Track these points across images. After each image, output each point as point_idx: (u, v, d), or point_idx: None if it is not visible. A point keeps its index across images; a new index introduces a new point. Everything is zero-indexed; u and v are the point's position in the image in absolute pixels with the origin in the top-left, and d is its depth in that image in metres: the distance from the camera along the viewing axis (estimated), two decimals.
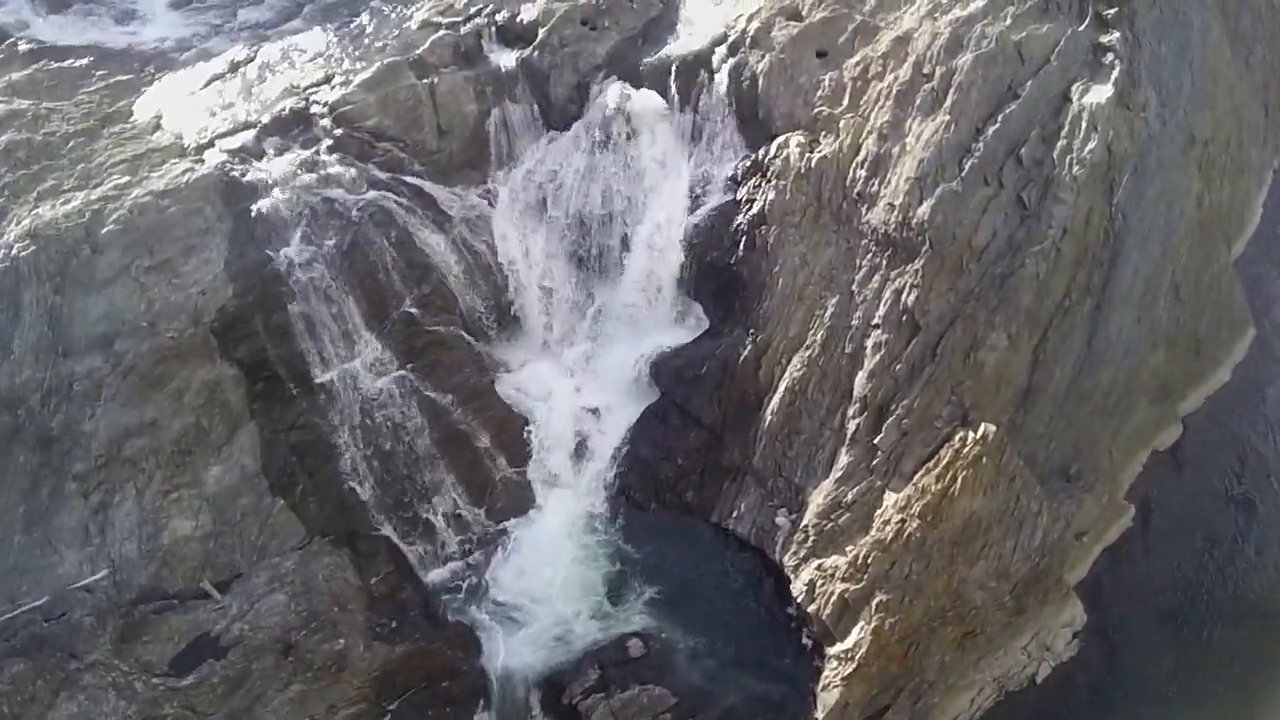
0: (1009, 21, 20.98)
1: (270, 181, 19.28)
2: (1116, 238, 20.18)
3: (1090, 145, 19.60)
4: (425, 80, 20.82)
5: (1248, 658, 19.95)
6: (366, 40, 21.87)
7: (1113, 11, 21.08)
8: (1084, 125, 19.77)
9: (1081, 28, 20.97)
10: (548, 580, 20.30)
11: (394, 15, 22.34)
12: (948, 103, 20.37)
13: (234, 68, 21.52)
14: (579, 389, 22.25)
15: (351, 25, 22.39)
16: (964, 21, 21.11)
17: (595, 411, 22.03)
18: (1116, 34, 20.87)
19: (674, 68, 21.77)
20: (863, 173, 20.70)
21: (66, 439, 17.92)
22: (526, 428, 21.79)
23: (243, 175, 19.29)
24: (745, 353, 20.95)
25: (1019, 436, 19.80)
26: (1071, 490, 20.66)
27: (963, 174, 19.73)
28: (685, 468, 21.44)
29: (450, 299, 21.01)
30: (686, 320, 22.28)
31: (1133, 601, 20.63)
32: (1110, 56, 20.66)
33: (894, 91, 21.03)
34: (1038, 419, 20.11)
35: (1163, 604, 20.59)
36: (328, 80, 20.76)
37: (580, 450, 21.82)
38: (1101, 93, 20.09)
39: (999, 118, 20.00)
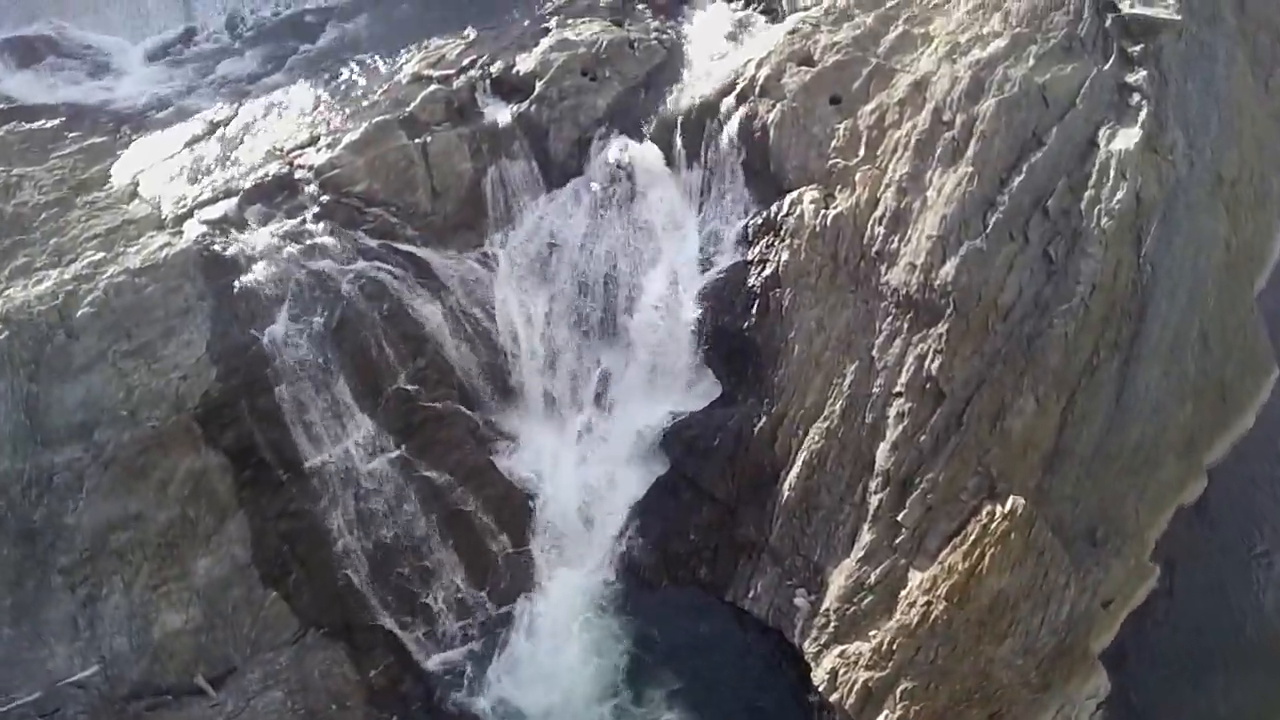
0: (1032, 63, 20.67)
1: (253, 255, 18.96)
2: (1145, 290, 19.85)
3: (1119, 195, 19.29)
4: (417, 140, 20.51)
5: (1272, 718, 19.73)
6: (354, 96, 21.76)
7: (1138, 48, 20.81)
8: (1112, 173, 19.47)
9: (1107, 67, 20.70)
10: (557, 670, 19.89)
11: (382, 68, 22.27)
12: (970, 152, 20.03)
13: (213, 128, 21.34)
14: (584, 459, 21.90)
15: (337, 80, 22.25)
16: (985, 64, 20.78)
17: (601, 483, 21.66)
18: (1143, 72, 20.62)
19: (679, 119, 21.47)
20: (881, 229, 20.26)
21: (50, 532, 17.71)
22: (529, 503, 21.49)
23: (224, 249, 18.98)
24: (760, 424, 20.47)
25: (1045, 501, 19.40)
26: (1098, 555, 20.23)
27: (987, 230, 19.35)
28: (697, 543, 20.98)
29: (447, 370, 20.66)
30: (697, 386, 21.82)
31: (1157, 666, 20.26)
32: (1137, 97, 20.41)
33: (912, 141, 20.64)
34: (1065, 482, 19.70)
35: (1187, 666, 20.18)
36: (313, 142, 20.52)
37: (586, 525, 21.48)
38: (1129, 137, 19.81)
39: (1024, 167, 19.67)
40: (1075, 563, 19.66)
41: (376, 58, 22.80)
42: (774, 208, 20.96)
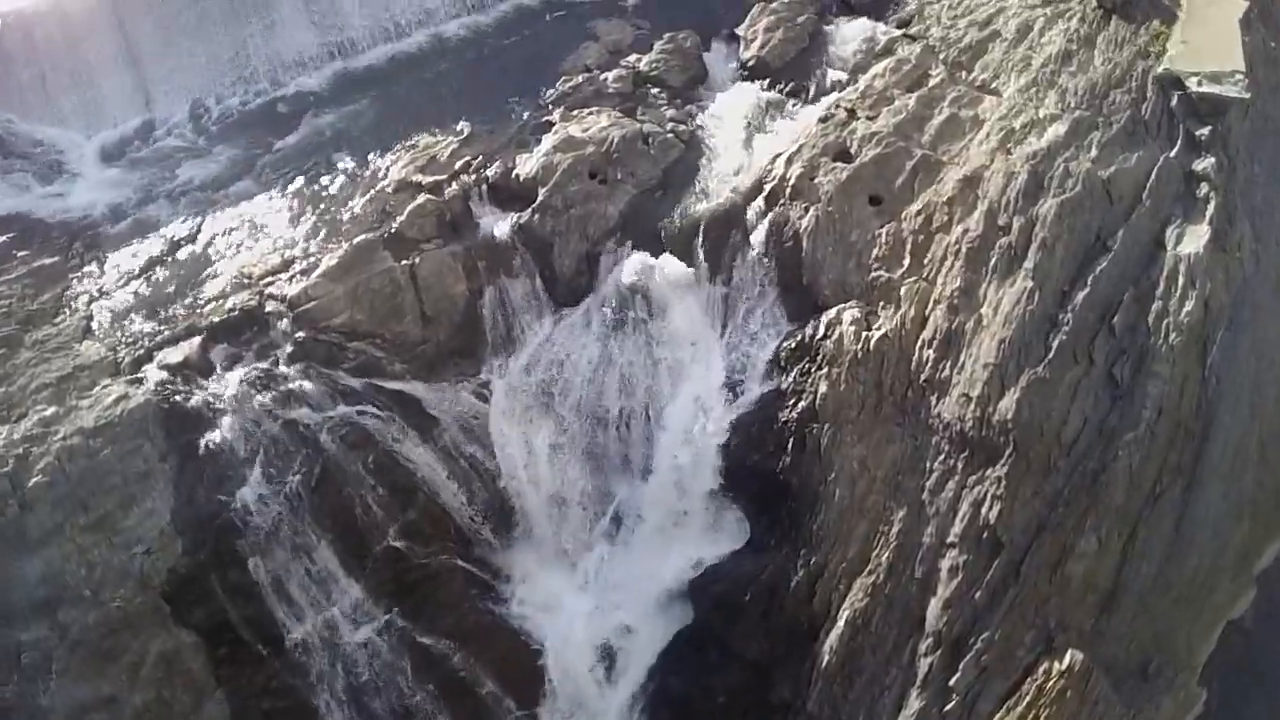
0: (1094, 153, 19.62)
1: (219, 407, 17.90)
2: (1209, 406, 18.66)
3: (1188, 306, 18.19)
4: (404, 261, 19.46)
5: None
6: (332, 208, 20.69)
7: (1205, 130, 19.72)
8: (1181, 281, 18.39)
9: (1173, 153, 19.68)
10: None
11: (364, 172, 21.16)
12: (1029, 263, 18.88)
13: (174, 248, 20.42)
14: (597, 607, 20.76)
15: (313, 187, 21.16)
16: (1043, 156, 19.70)
17: (616, 636, 20.48)
18: (1210, 159, 19.52)
19: (701, 227, 20.32)
20: (931, 354, 19.07)
21: (23, 713, 16.77)
22: (537, 660, 20.33)
23: (186, 399, 17.92)
24: (796, 578, 19.21)
25: (1100, 643, 18.27)
26: (1150, 691, 19.03)
27: (1050, 355, 18.17)
28: (727, 707, 19.81)
29: (441, 520, 19.44)
30: (723, 523, 20.59)
31: None
32: (1205, 187, 19.29)
33: (964, 249, 19.52)
34: (1120, 620, 18.61)
35: None
36: (285, 267, 19.51)
37: (600, 685, 20.33)
38: (1198, 237, 18.70)
39: (1088, 279, 18.51)
40: (1126, 704, 18.50)
41: (358, 158, 21.69)
42: (809, 329, 19.77)
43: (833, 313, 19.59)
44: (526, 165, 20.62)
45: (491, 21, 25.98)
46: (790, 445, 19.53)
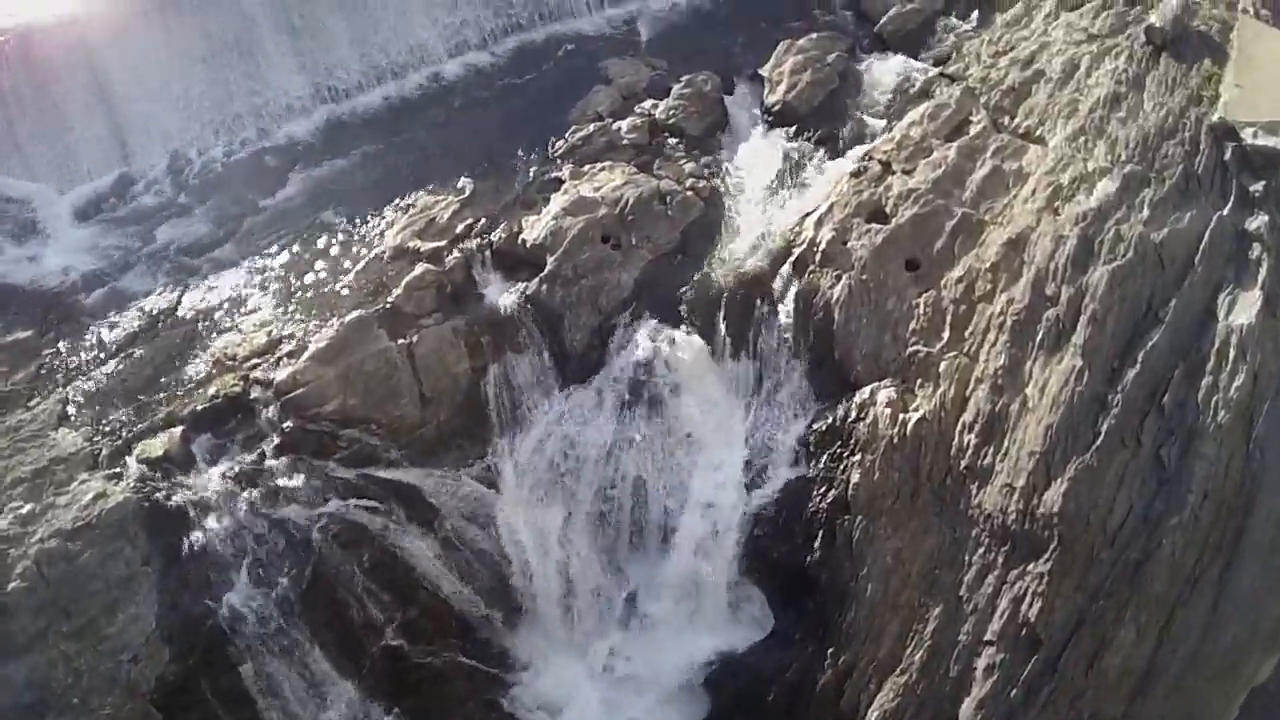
0: (1146, 213, 18.63)
1: (203, 505, 17.16)
2: (1253, 481, 17.61)
3: (1237, 380, 17.25)
4: (401, 340, 18.59)
5: None
6: (322, 278, 19.91)
7: (1259, 186, 18.67)
8: (1231, 354, 17.39)
9: (1226, 211, 18.62)
10: None
11: (357, 237, 20.39)
12: (1078, 338, 17.95)
13: (152, 323, 19.57)
14: (609, 700, 19.89)
15: (302, 253, 20.35)
16: (1093, 218, 18.72)
17: None
18: (1264, 217, 18.51)
19: (723, 297, 19.57)
20: (973, 439, 18.26)
21: None
22: None
23: (167, 497, 17.17)
24: (824, 677, 18.50)
25: None
26: None
27: (1098, 440, 17.29)
28: None
29: (443, 615, 18.84)
30: (744, 614, 19.88)
31: None
32: (1257, 249, 18.24)
33: (1009, 321, 18.67)
34: (1154, 703, 17.80)
35: None
36: (271, 348, 18.64)
37: None
38: (1249, 304, 17.65)
39: (1139, 356, 17.49)
40: None
41: (350, 220, 20.84)
42: (840, 409, 18.93)
43: (866, 392, 18.83)
44: (534, 229, 19.81)
45: (494, 60, 25.13)
46: (819, 538, 18.84)
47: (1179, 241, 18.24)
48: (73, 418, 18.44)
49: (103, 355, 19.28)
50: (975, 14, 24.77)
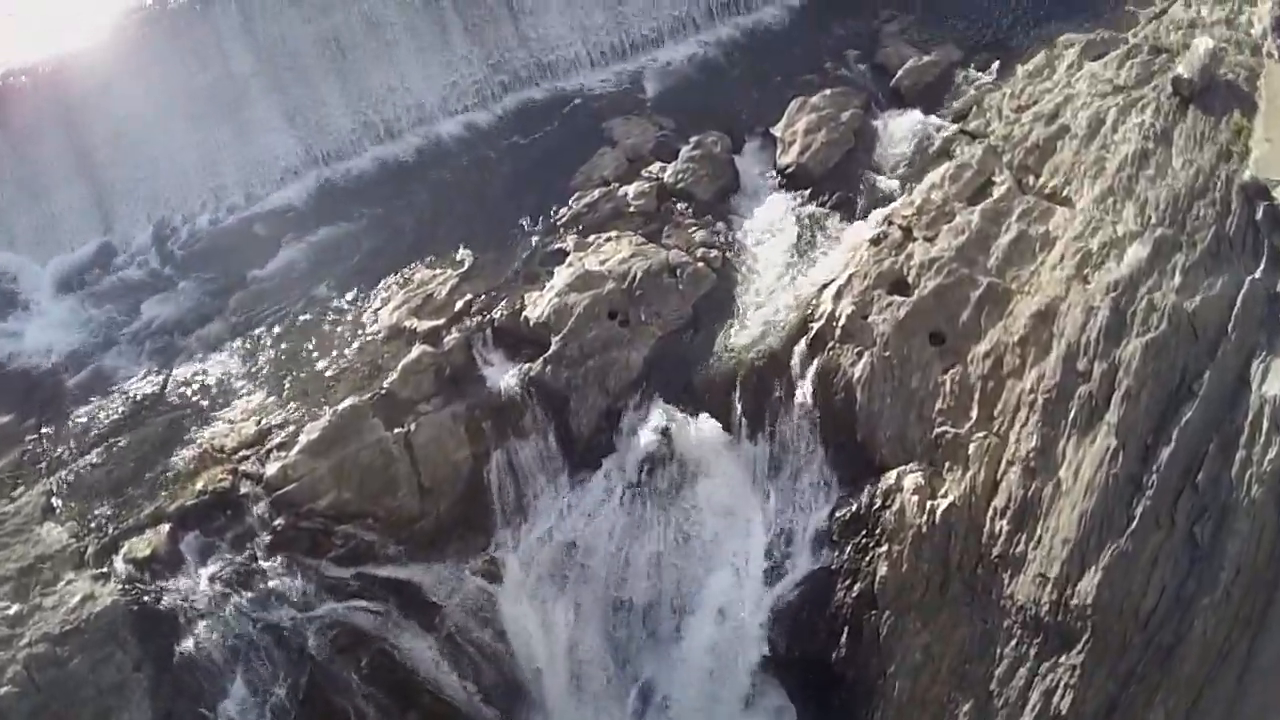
0: (1178, 280, 18.02)
1: (193, 610, 16.62)
2: None
3: (1271, 453, 16.56)
4: (398, 429, 18.03)
5: None
6: (314, 361, 19.33)
7: None
8: (1265, 426, 16.81)
9: (1259, 274, 18.04)
10: None
11: (350, 314, 19.88)
12: (1112, 415, 17.30)
13: (137, 409, 19.20)
14: None
15: (292, 333, 19.84)
16: (1124, 286, 18.09)
17: None
18: None
19: (738, 377, 18.87)
20: (1004, 525, 17.62)
21: None
22: None
23: (157, 600, 16.76)
24: None
25: None
26: None
27: (1133, 525, 16.57)
28: None
29: (446, 716, 18.09)
30: (764, 703, 19.10)
31: None
32: None
33: (1039, 399, 18.03)
34: None
35: None
36: (261, 439, 18.07)
37: None
38: None
39: (1173, 433, 16.82)
40: None
41: (343, 296, 20.18)
42: (865, 496, 18.27)
43: (892, 477, 18.13)
44: (537, 306, 19.27)
45: (494, 119, 24.41)
46: (845, 633, 18.03)
47: (1211, 309, 17.73)
48: (58, 510, 18.07)
49: (87, 443, 18.81)
50: (995, 65, 24.30)
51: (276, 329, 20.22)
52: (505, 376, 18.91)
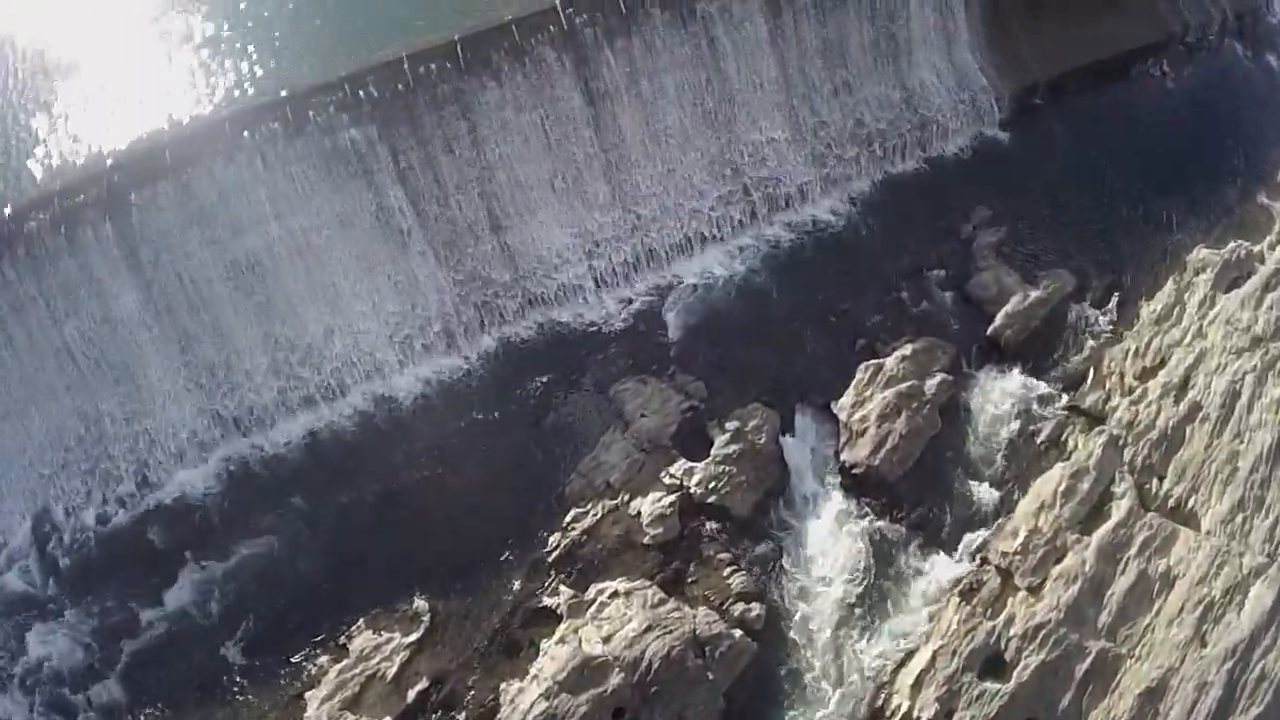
0: None
1: None
2: None
3: None
4: None
5: None
6: None
7: None
8: None
9: None
10: None
11: (266, 693, 16.06)
12: None
13: None
14: None
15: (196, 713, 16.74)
16: (1241, 651, 16.22)
17: None
18: None
19: None
20: None
21: None
22: None
23: None
24: None
25: None
26: None
27: None
28: None
29: None
30: None
31: None
32: None
33: None
34: None
35: None
36: None
37: None
38: None
39: None
40: None
41: (260, 662, 16.41)
42: None
43: None
44: (520, 702, 15.73)
45: (466, 368, 20.24)
46: None
47: None
48: None
49: None
50: (1114, 301, 21.71)
51: (178, 705, 16.43)
52: None
